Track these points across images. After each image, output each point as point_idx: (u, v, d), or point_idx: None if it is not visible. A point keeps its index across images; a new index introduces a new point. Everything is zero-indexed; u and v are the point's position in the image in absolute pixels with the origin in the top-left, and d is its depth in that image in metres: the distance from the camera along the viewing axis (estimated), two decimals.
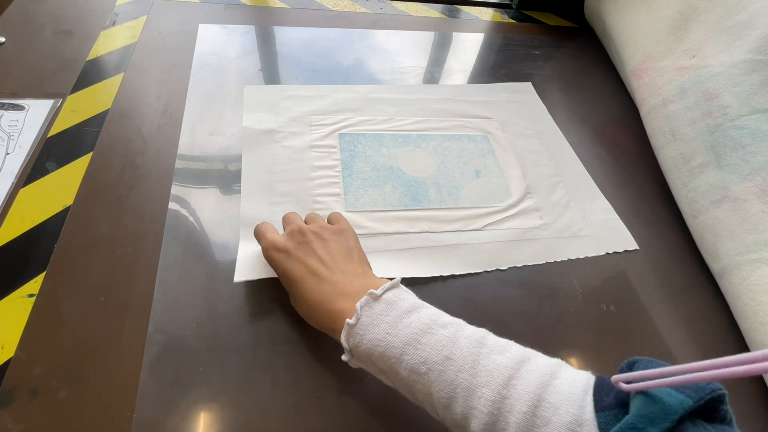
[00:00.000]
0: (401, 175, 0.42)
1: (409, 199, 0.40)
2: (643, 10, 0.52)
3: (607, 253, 0.39)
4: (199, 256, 0.34)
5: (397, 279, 0.26)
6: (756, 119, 0.37)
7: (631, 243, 0.40)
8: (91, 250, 0.33)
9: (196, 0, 0.59)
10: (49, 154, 0.39)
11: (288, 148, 0.42)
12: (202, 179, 0.39)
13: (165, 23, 0.54)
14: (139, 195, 0.37)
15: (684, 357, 0.34)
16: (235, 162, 0.40)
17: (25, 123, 0.40)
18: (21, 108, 0.42)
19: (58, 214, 0.35)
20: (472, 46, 0.62)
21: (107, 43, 0.50)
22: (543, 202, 0.42)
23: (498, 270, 0.36)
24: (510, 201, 0.41)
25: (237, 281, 0.32)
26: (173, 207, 0.36)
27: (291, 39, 0.56)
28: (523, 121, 0.50)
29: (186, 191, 0.38)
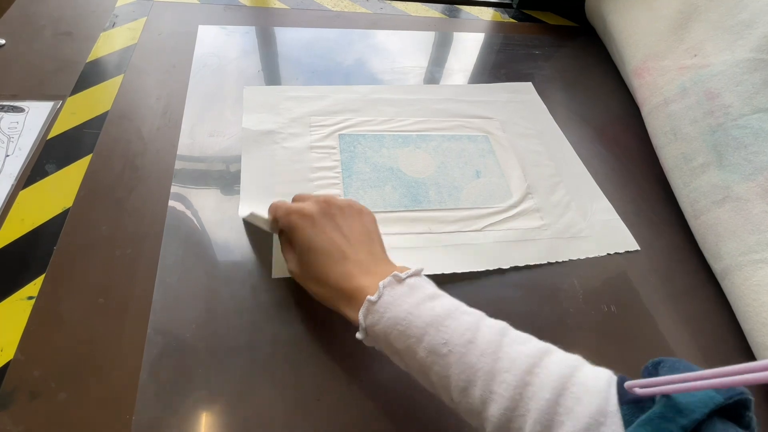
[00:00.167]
0: (401, 176, 0.42)
1: (409, 200, 0.40)
2: (644, 9, 0.52)
3: (608, 254, 0.39)
4: (199, 256, 0.34)
5: (421, 267, 0.27)
6: (758, 118, 0.37)
7: (632, 243, 0.40)
8: (91, 251, 0.33)
9: (195, 1, 0.59)
10: (49, 156, 0.39)
11: (288, 149, 0.42)
12: (201, 180, 0.39)
13: (165, 24, 0.54)
14: (139, 196, 0.37)
15: (685, 358, 0.33)
16: (235, 163, 0.40)
17: (25, 125, 0.40)
18: (21, 110, 0.42)
19: (57, 215, 0.35)
20: (472, 45, 0.62)
21: (107, 45, 0.50)
22: (544, 202, 0.42)
23: (499, 270, 0.36)
24: (510, 201, 0.41)
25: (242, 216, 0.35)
26: (173, 208, 0.36)
27: (291, 40, 0.56)
28: (524, 121, 0.50)
29: (186, 192, 0.38)
